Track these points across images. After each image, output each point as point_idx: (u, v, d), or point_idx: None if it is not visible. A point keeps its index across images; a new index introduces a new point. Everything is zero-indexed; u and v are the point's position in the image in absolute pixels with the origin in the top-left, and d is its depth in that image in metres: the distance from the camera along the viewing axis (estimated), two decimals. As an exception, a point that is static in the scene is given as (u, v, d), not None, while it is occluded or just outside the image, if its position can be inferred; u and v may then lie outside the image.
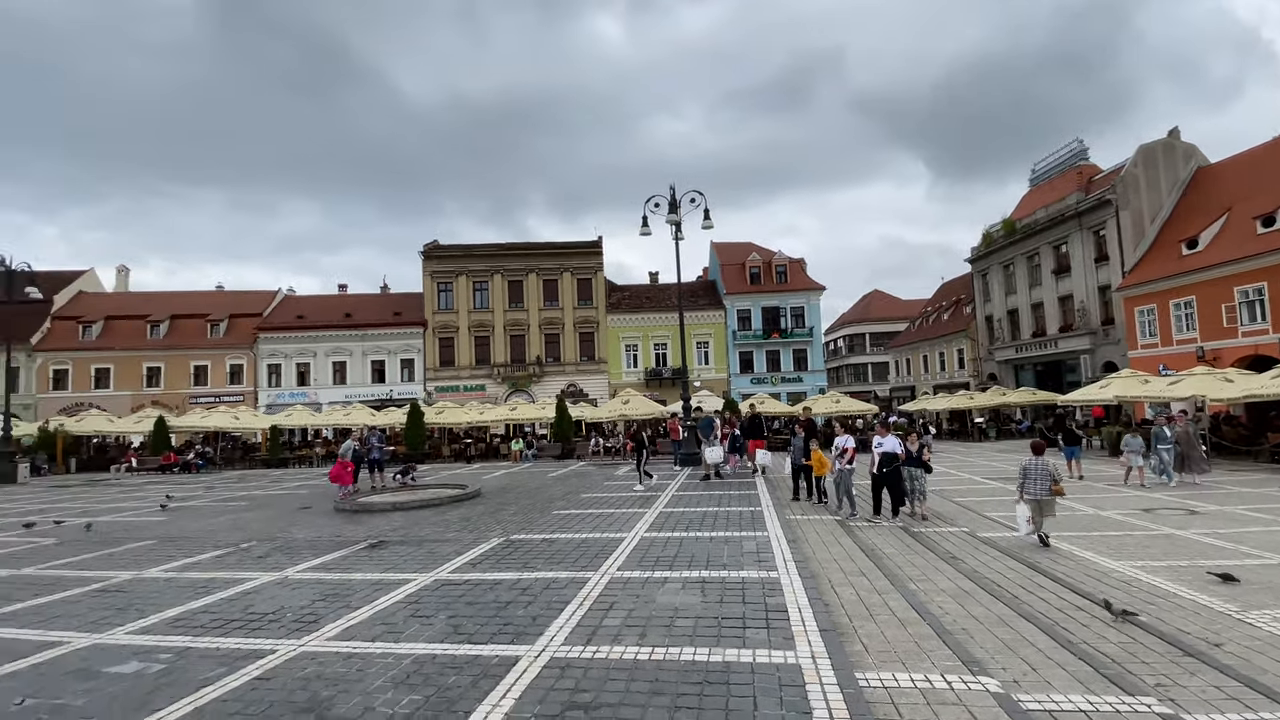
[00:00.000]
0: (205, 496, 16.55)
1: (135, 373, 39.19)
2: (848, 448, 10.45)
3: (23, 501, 16.87)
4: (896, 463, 9.85)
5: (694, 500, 12.10)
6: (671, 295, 42.41)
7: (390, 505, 12.58)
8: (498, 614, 5.56)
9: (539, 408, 31.80)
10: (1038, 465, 8.40)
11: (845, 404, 27.76)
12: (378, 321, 41.15)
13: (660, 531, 9.01)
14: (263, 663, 4.62)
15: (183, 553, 9.00)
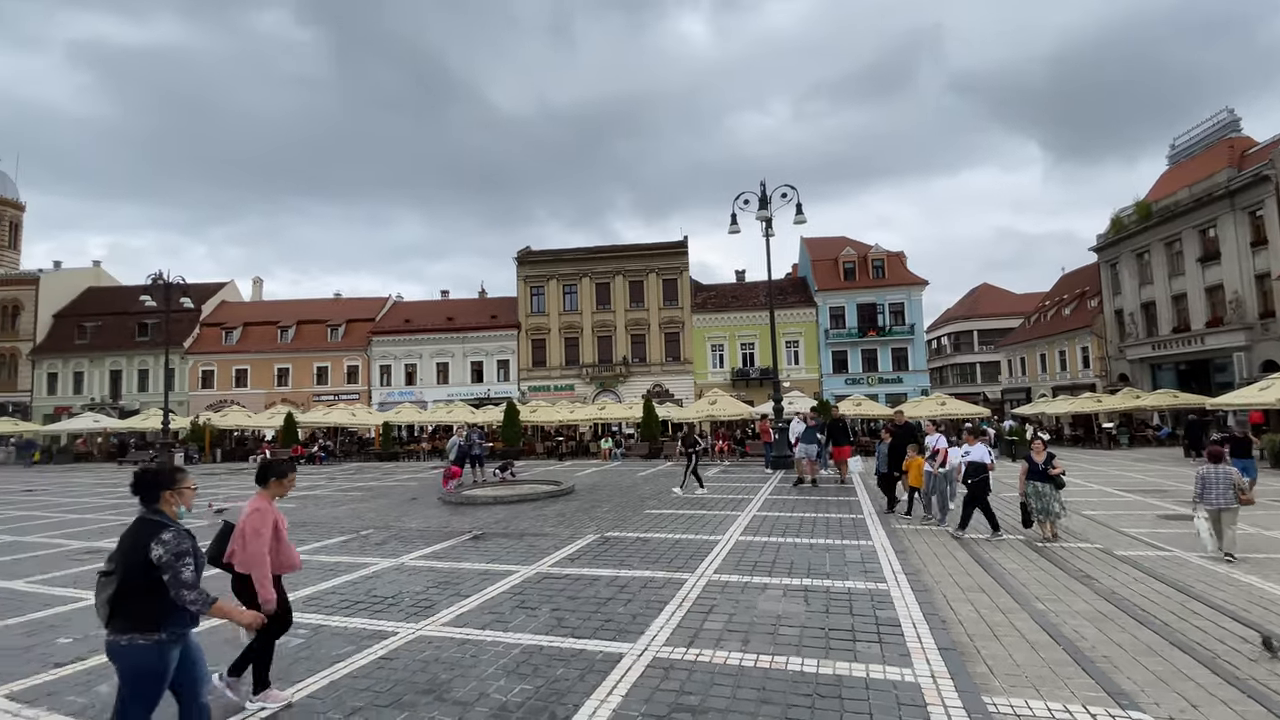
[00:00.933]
0: (328, 486, 18.06)
1: (268, 373, 43.53)
2: (940, 448, 9.71)
3: (181, 486, 19.14)
4: (984, 474, 9.06)
5: (789, 505, 11.77)
6: (758, 293, 41.63)
7: (491, 499, 13.16)
8: (598, 610, 5.64)
9: (626, 407, 32.19)
10: (1218, 474, 7.49)
11: (951, 406, 25.99)
12: (476, 325, 43.27)
13: (756, 535, 8.82)
14: (386, 643, 4.95)
15: (313, 537, 9.84)
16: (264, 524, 3.95)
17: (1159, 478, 16.50)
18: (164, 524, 2.99)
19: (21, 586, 7.13)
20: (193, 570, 2.91)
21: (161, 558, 2.85)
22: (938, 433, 10.45)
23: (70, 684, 4.32)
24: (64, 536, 10.56)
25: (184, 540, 2.95)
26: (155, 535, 2.90)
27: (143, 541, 2.90)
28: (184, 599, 2.87)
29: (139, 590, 2.87)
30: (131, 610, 2.87)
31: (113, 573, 2.94)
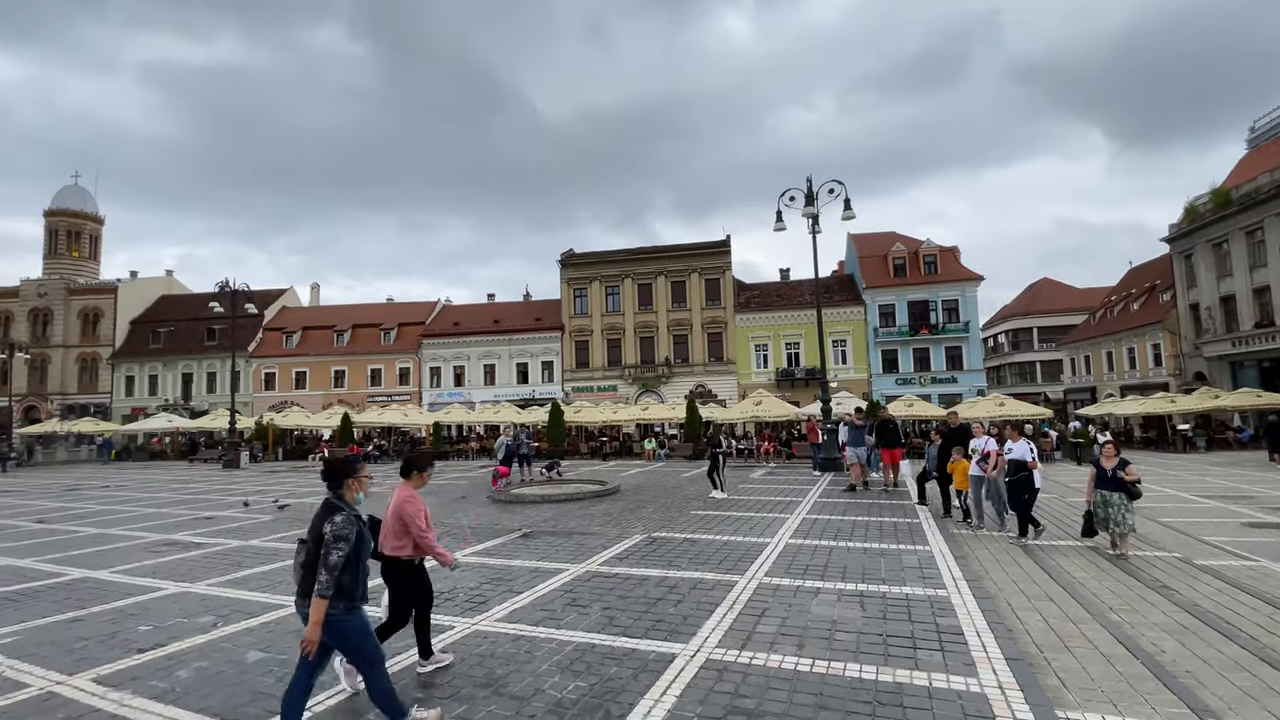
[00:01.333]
0: (383, 485, 18.64)
1: (325, 375, 45.32)
2: (990, 451, 9.24)
3: (244, 483, 20.13)
4: (1024, 471, 8.60)
5: (839, 508, 11.51)
6: (803, 292, 40.92)
7: (539, 498, 13.34)
8: (649, 609, 5.64)
9: (669, 408, 32.14)
10: None
11: (1010, 407, 24.91)
12: (521, 327, 44.00)
13: (806, 539, 8.66)
14: (444, 637, 5.06)
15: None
16: (418, 509, 4.33)
17: (1242, 483, 15.43)
18: (340, 508, 3.42)
19: (105, 576, 7.60)
20: (341, 555, 3.25)
21: (326, 534, 3.27)
22: (986, 435, 9.92)
23: (151, 669, 4.58)
24: (142, 530, 11.23)
25: (350, 525, 3.34)
26: (330, 515, 3.34)
27: (322, 519, 3.36)
28: (320, 574, 3.22)
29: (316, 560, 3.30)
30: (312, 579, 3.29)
31: (305, 542, 3.44)
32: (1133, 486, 7.72)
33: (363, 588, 3.41)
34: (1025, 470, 8.59)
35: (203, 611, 5.98)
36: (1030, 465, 8.62)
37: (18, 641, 5.20)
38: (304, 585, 3.35)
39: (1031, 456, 8.70)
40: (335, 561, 3.21)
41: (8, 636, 5.33)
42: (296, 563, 3.46)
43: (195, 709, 3.90)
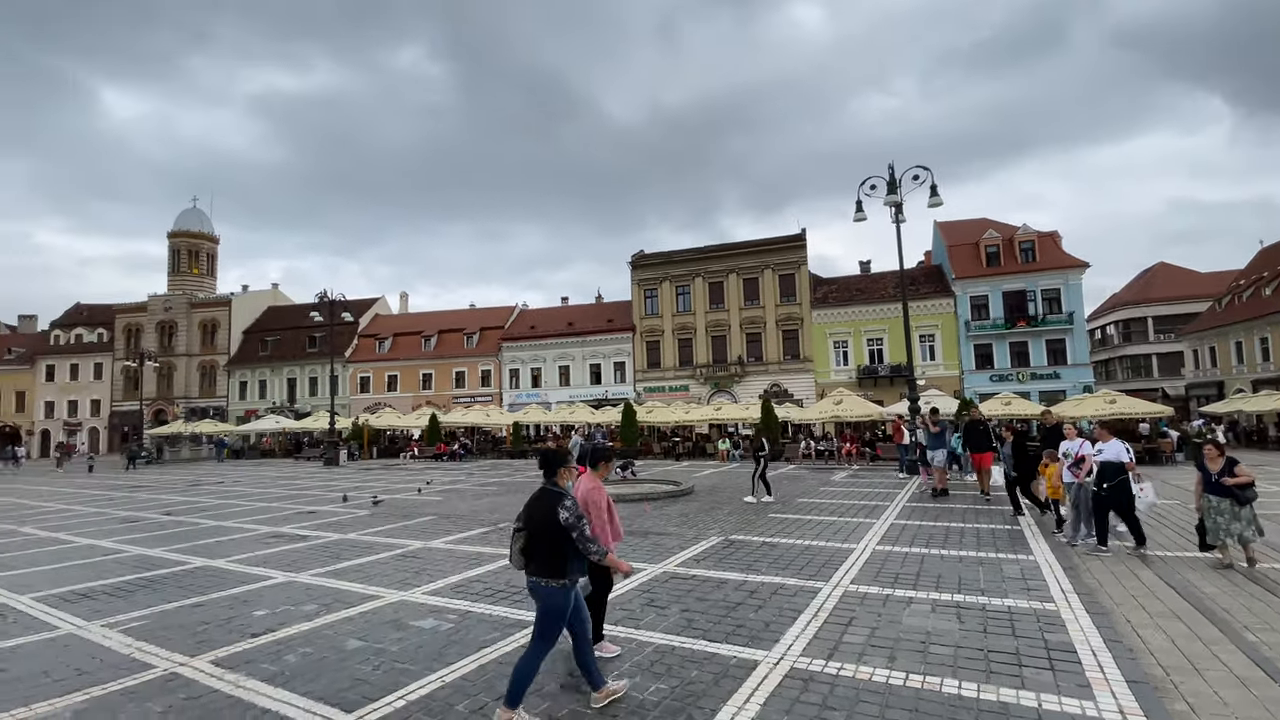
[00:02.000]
0: (468, 481, 19.42)
1: (414, 378, 47.81)
2: (1086, 455, 8.35)
3: (342, 480, 21.51)
4: (1121, 476, 7.70)
5: (931, 513, 10.90)
6: (886, 285, 39.14)
7: (615, 496, 13.42)
8: (729, 614, 5.51)
9: (743, 408, 31.60)
10: None
11: (1123, 404, 22.74)
12: (593, 329, 44.67)
13: (895, 545, 8.22)
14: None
15: (457, 528, 10.59)
16: (602, 497, 4.53)
17: None
18: (564, 494, 3.79)
19: (223, 565, 8.29)
20: (587, 527, 3.69)
21: (567, 519, 3.64)
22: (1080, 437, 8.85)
23: (263, 652, 4.92)
24: (253, 522, 12.21)
25: (578, 506, 3.78)
26: (560, 502, 3.70)
27: (550, 506, 3.70)
28: (589, 550, 3.67)
29: (545, 544, 3.68)
30: (541, 559, 3.69)
31: (523, 529, 3.79)
32: (1243, 491, 6.85)
33: (582, 561, 3.76)
34: (1122, 474, 7.74)
35: (307, 600, 6.39)
36: (1128, 468, 7.77)
37: (146, 625, 5.74)
38: (532, 565, 3.74)
39: (1129, 458, 7.85)
40: (588, 534, 3.67)
41: (138, 620, 5.90)
42: (515, 549, 3.83)
43: (301, 692, 4.15)
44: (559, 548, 3.66)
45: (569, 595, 3.72)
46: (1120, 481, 7.72)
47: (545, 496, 3.79)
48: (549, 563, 3.67)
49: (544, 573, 3.68)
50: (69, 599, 6.70)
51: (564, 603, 3.70)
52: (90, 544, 10.24)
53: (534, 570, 3.72)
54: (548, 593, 3.68)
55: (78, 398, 53.46)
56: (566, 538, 3.65)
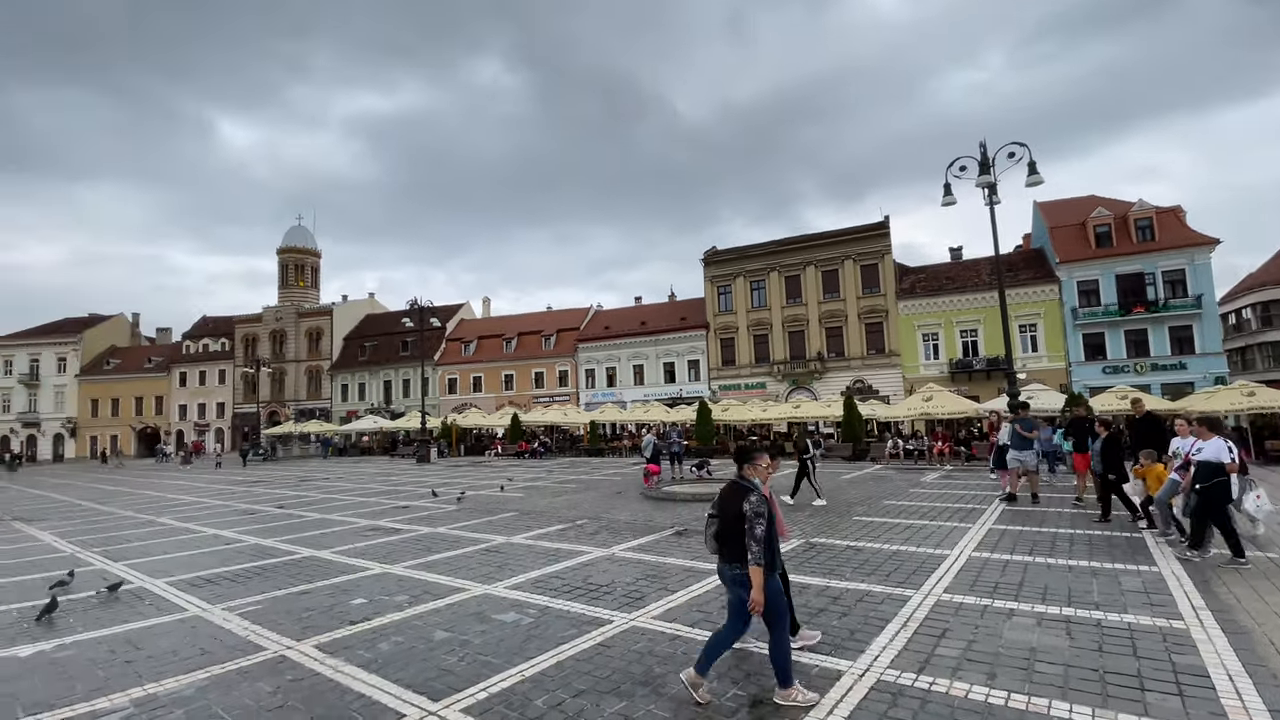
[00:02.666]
0: (547, 479, 19.93)
1: (497, 379, 49.73)
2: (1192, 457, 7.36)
3: (432, 476, 22.64)
4: (1220, 476, 6.77)
5: (1035, 517, 10.08)
6: (979, 272, 36.72)
7: (691, 495, 13.35)
8: (810, 620, 5.30)
9: (823, 405, 30.57)
10: None
11: (1263, 396, 20.11)
12: (667, 327, 44.70)
13: (994, 552, 7.65)
14: (603, 630, 5.19)
15: (536, 524, 10.87)
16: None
17: None
18: (752, 488, 3.93)
19: (327, 556, 8.90)
20: (764, 528, 3.76)
21: (748, 512, 3.78)
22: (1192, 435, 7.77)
23: (360, 640, 5.23)
24: (353, 516, 13.06)
25: (764, 503, 3.85)
26: (746, 495, 3.85)
27: (738, 497, 3.88)
28: (750, 547, 3.73)
29: (734, 533, 3.84)
30: (732, 547, 3.85)
31: (716, 517, 4.02)
32: None
33: (774, 556, 3.89)
34: (1220, 474, 6.85)
35: (399, 591, 6.74)
36: (1230, 468, 6.85)
37: (260, 610, 6.24)
38: (724, 552, 3.94)
39: (1230, 457, 6.90)
40: (760, 534, 3.72)
41: (253, 605, 6.42)
42: (709, 533, 4.07)
43: (393, 679, 4.36)
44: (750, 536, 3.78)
45: (771, 582, 3.82)
46: (1217, 484, 6.89)
47: (735, 488, 3.97)
48: (739, 550, 3.80)
49: (739, 559, 3.81)
50: (196, 584, 7.41)
51: (771, 588, 3.79)
52: (215, 534, 11.31)
53: (728, 556, 3.89)
54: (740, 578, 3.82)
55: (205, 401, 59.44)
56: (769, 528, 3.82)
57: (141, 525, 12.82)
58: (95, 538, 11.33)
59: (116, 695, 4.23)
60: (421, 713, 3.85)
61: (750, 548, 3.72)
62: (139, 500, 18.24)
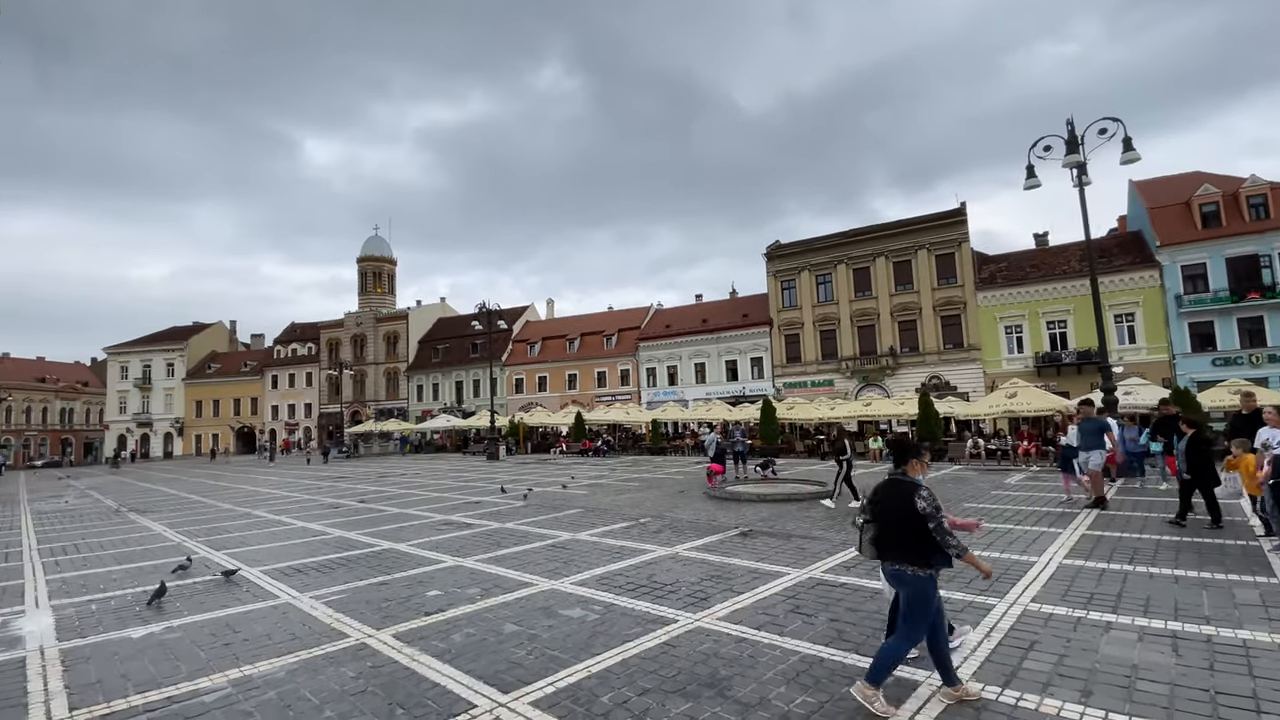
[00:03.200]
0: (610, 477, 20.12)
1: (561, 378, 50.70)
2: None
3: (501, 473, 23.31)
4: None
5: (1135, 523, 9.31)
6: (1068, 259, 34.27)
7: (755, 496, 13.13)
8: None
9: (896, 403, 29.33)
10: None
11: None
12: (728, 325, 44.16)
13: (1088, 560, 7.10)
14: (668, 629, 5.17)
15: (601, 522, 10.99)
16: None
17: None
18: (918, 484, 3.78)
19: (404, 548, 9.31)
20: (944, 519, 3.65)
21: (925, 509, 3.65)
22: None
23: (435, 630, 5.43)
24: (428, 510, 13.61)
25: (935, 497, 3.73)
26: (916, 492, 3.70)
27: (905, 495, 3.73)
28: (947, 543, 3.61)
29: (907, 533, 3.71)
30: (903, 548, 3.73)
31: (872, 520, 3.90)
32: None
33: (942, 556, 3.70)
34: None
35: (470, 584, 6.96)
36: None
37: (344, 599, 6.60)
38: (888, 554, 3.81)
39: None
40: (945, 526, 3.63)
41: (337, 594, 6.80)
42: (864, 539, 3.95)
43: (465, 669, 4.50)
44: (923, 536, 3.66)
45: (934, 583, 3.72)
46: None
47: (897, 486, 3.83)
48: (911, 551, 3.69)
49: (907, 560, 3.70)
50: (287, 573, 7.92)
51: (930, 590, 3.70)
52: (303, 526, 12.07)
53: (895, 558, 3.77)
54: (912, 580, 3.71)
55: (295, 402, 63.64)
56: (925, 527, 3.65)
57: (239, 518, 13.86)
58: (199, 528, 12.33)
59: (216, 676, 4.57)
60: (492, 704, 3.95)
61: (947, 543, 3.59)
62: (236, 494, 19.73)
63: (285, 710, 3.97)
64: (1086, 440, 10.70)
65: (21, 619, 6.27)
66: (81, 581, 7.90)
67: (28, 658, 5.09)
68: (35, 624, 6.05)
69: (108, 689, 4.40)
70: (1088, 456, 10.65)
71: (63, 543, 11.17)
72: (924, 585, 3.69)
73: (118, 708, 4.09)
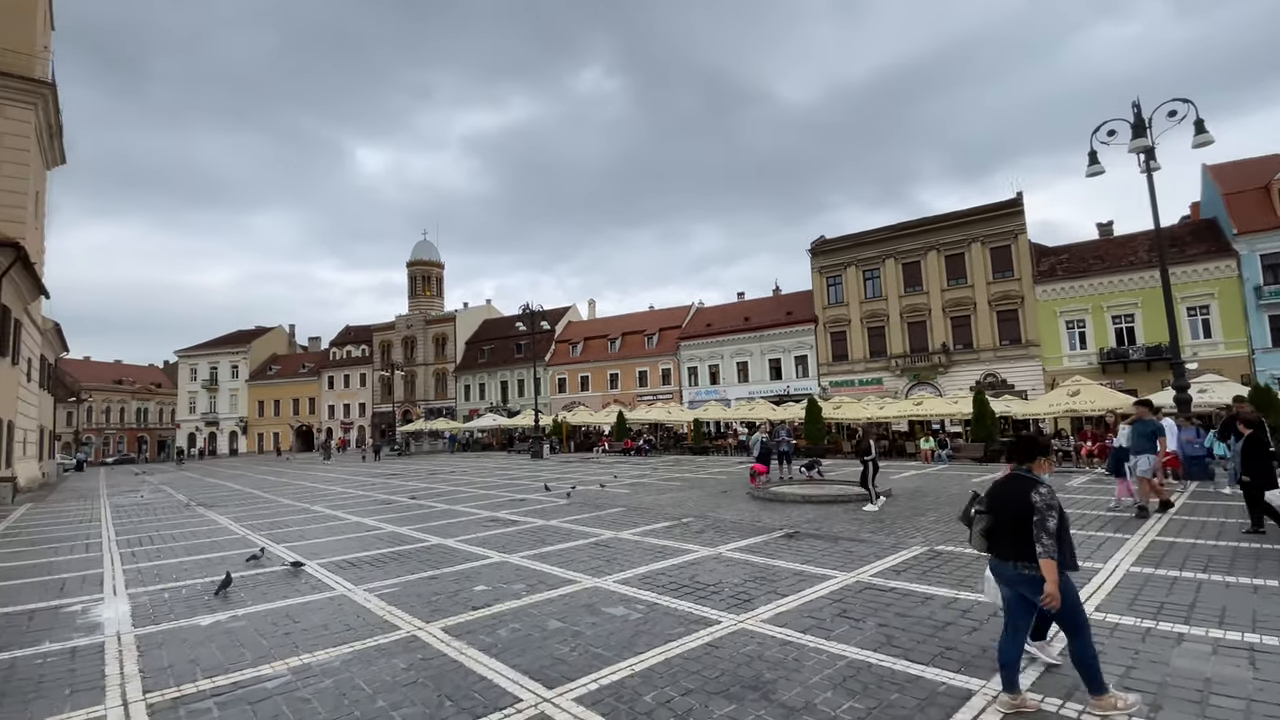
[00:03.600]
0: (652, 476, 20.13)
1: (603, 378, 51.08)
2: None
3: (545, 471, 23.63)
4: None
5: (1210, 529, 8.74)
6: (1135, 249, 32.50)
7: (800, 497, 12.91)
8: (935, 634, 4.93)
9: (949, 402, 28.36)
10: None
11: None
12: (772, 323, 43.60)
13: (1157, 567, 6.70)
14: (711, 630, 5.13)
15: (643, 521, 11.01)
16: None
17: None
18: (1039, 481, 3.73)
19: (453, 544, 9.54)
20: (1055, 522, 3.55)
21: (1037, 504, 3.58)
22: None
23: (482, 624, 5.54)
24: (475, 507, 13.91)
25: (1054, 496, 3.67)
26: (1034, 487, 3.65)
27: (1022, 490, 3.67)
28: (1041, 540, 3.53)
29: (1012, 527, 3.67)
30: (1009, 542, 3.69)
31: (985, 513, 3.87)
32: None
33: (1069, 554, 3.65)
34: None
35: (516, 580, 7.08)
36: None
37: (396, 592, 6.80)
38: (999, 548, 3.77)
39: None
40: (1052, 528, 3.53)
41: (390, 587, 7.02)
42: (975, 531, 3.90)
43: (510, 664, 4.58)
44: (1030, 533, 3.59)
45: (1067, 581, 3.61)
46: None
47: (1018, 481, 3.75)
48: (1017, 546, 3.62)
49: (1018, 556, 3.64)
50: (342, 566, 8.23)
51: (1068, 589, 3.59)
52: (358, 521, 12.52)
53: (1003, 553, 3.73)
54: (1021, 578, 3.64)
55: (350, 401, 66.14)
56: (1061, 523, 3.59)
57: (299, 512, 14.47)
58: (262, 522, 12.94)
59: (277, 663, 4.79)
60: (537, 699, 4.01)
61: (1041, 540, 3.49)
62: (296, 490, 20.62)
63: (341, 699, 4.12)
64: (1137, 443, 10.08)
65: (101, 606, 6.70)
66: (155, 571, 8.40)
67: (106, 642, 5.44)
68: (113, 611, 6.46)
69: (178, 673, 4.66)
70: (1136, 461, 10.06)
71: (138, 534, 11.89)
72: (1036, 585, 3.56)
73: (187, 691, 4.33)
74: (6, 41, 22.25)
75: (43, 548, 10.77)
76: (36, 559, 9.69)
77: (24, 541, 11.54)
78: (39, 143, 24.40)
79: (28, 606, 6.74)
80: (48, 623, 6.11)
